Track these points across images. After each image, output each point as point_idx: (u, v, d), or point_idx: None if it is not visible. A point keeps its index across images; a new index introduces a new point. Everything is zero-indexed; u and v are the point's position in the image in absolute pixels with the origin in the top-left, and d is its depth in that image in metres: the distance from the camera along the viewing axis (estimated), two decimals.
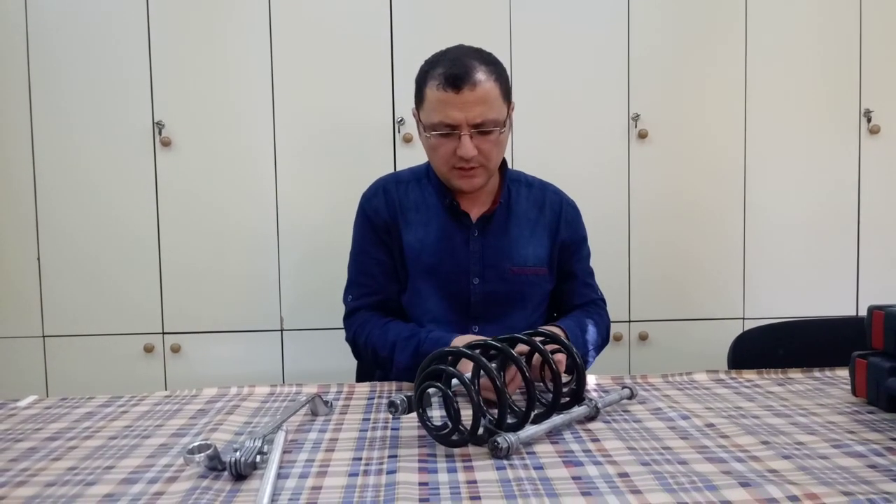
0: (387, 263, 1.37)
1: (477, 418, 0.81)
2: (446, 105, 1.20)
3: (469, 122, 1.20)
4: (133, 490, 0.73)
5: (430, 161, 1.33)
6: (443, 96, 1.19)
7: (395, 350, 1.25)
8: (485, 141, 1.23)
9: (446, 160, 1.26)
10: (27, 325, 2.07)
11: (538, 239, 1.38)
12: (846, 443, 0.82)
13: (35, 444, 0.88)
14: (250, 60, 2.05)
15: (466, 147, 1.21)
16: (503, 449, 0.79)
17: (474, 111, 1.20)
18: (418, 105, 1.28)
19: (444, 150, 1.25)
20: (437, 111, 1.21)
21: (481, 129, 1.22)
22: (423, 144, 1.31)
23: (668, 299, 2.16)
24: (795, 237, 2.16)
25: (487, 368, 0.84)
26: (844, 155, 2.15)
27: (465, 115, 1.20)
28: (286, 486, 0.73)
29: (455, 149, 1.23)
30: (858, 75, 2.12)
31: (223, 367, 2.09)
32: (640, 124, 2.11)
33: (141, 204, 2.06)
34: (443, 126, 1.22)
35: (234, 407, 1.03)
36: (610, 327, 1.44)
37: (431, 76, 1.21)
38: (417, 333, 1.25)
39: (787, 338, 1.56)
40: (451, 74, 1.18)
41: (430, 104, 1.22)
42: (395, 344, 1.26)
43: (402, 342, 1.25)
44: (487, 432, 0.82)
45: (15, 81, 2.02)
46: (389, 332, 1.29)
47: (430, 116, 1.23)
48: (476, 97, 1.19)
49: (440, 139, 1.24)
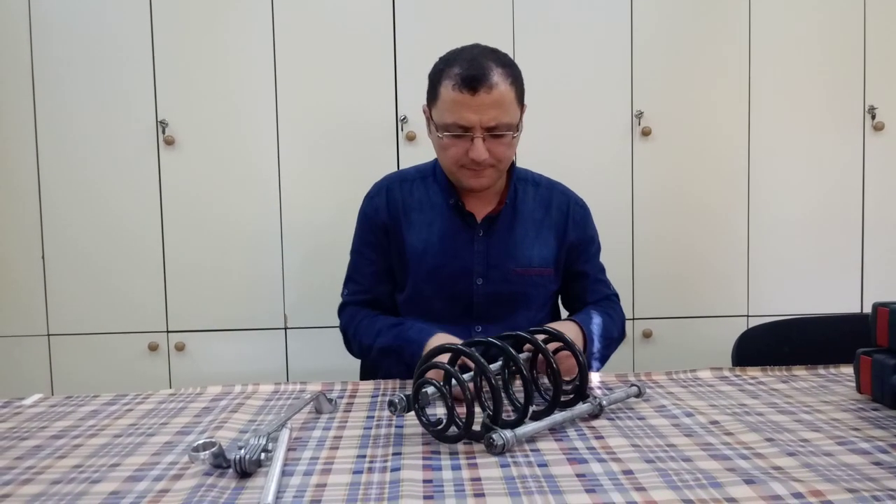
0: (379, 265, 1.38)
1: (470, 414, 0.81)
2: (461, 106, 1.18)
3: (483, 124, 1.19)
4: (138, 488, 0.73)
5: (439, 159, 1.33)
6: (458, 97, 1.18)
7: (378, 336, 1.29)
8: (497, 144, 1.23)
9: (456, 160, 1.25)
10: (32, 324, 2.08)
11: (544, 239, 1.37)
12: (851, 440, 0.82)
13: (40, 442, 0.88)
14: (253, 59, 2.05)
15: (479, 150, 1.21)
16: (498, 445, 0.79)
17: (489, 114, 1.19)
18: (431, 102, 1.27)
19: (455, 150, 1.24)
20: (451, 112, 1.20)
21: (494, 132, 1.21)
22: (433, 142, 1.31)
23: (672, 297, 2.16)
24: (799, 234, 2.16)
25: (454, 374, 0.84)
26: (848, 151, 2.14)
27: (480, 118, 1.19)
28: (291, 483, 0.73)
29: (466, 150, 1.22)
30: (863, 72, 2.11)
31: (227, 366, 2.10)
32: (643, 122, 2.10)
33: (145, 202, 2.06)
34: (456, 127, 1.21)
35: (238, 405, 1.03)
36: (625, 322, 1.43)
37: (447, 75, 1.20)
38: (403, 323, 1.29)
39: (792, 335, 1.56)
40: (468, 76, 1.17)
41: (444, 104, 1.21)
42: (379, 331, 1.29)
43: (386, 329, 1.29)
44: (485, 428, 0.82)
45: (18, 81, 2.03)
46: (377, 322, 1.32)
47: (444, 116, 1.22)
48: (491, 100, 1.18)
49: (452, 140, 1.23)
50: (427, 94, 1.28)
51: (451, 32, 2.03)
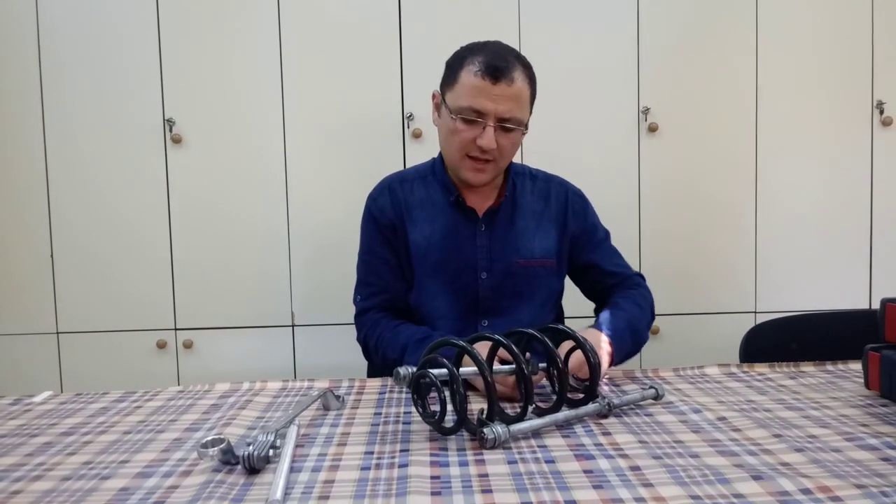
0: (393, 262, 1.37)
1: (464, 409, 0.82)
2: (480, 92, 1.20)
3: (497, 114, 1.21)
4: (148, 484, 0.73)
5: (444, 145, 1.32)
6: (479, 83, 1.20)
7: (405, 352, 1.24)
8: (505, 137, 1.24)
9: (462, 146, 1.26)
10: (41, 322, 2.09)
11: (544, 231, 1.37)
12: (859, 436, 0.82)
13: (50, 438, 0.89)
14: (259, 57, 2.06)
15: (489, 137, 1.22)
16: (489, 440, 0.80)
17: (505, 105, 1.21)
18: (447, 86, 1.27)
19: (464, 136, 1.24)
20: (469, 96, 1.21)
21: (506, 124, 1.23)
22: (441, 128, 1.31)
23: (679, 293, 2.15)
24: (808, 230, 2.15)
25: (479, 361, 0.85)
26: (857, 147, 2.13)
27: (496, 107, 1.21)
28: (299, 479, 0.73)
29: (475, 137, 1.23)
30: (871, 67, 2.10)
31: (235, 363, 2.10)
32: (650, 118, 2.10)
33: (152, 201, 2.07)
34: (471, 111, 1.22)
35: (246, 402, 1.03)
36: (653, 303, 1.39)
37: (470, 61, 1.22)
38: (431, 336, 1.24)
39: (800, 331, 1.55)
40: (493, 65, 1.19)
41: (462, 87, 1.22)
42: (405, 347, 1.25)
43: (414, 345, 1.24)
44: (479, 423, 0.83)
45: (26, 80, 2.04)
46: (400, 334, 1.28)
47: (460, 100, 1.23)
48: (511, 92, 1.21)
49: (464, 124, 1.24)
50: (443, 78, 1.29)
51: (457, 29, 2.03)
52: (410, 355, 1.22)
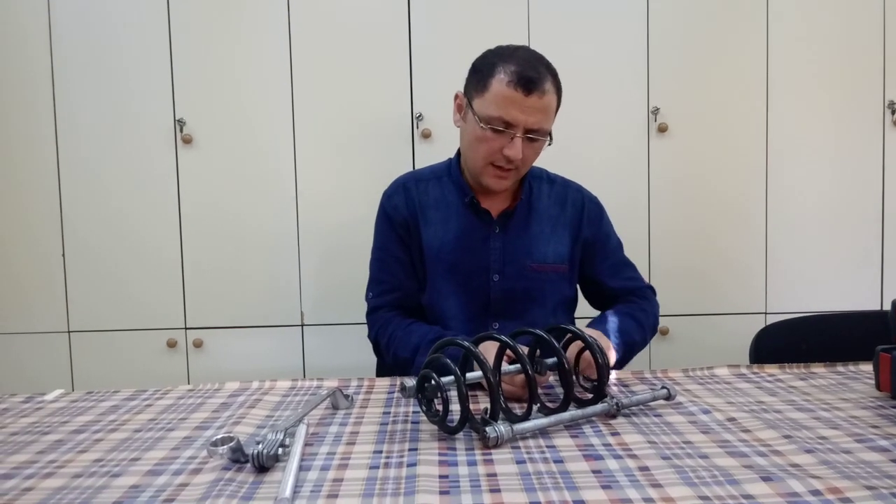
0: (406, 261, 1.37)
1: (464, 408, 0.82)
2: (511, 103, 1.20)
3: (527, 126, 1.21)
4: (158, 482, 0.74)
5: (468, 151, 1.31)
6: (511, 94, 1.19)
7: (417, 352, 1.25)
8: (530, 147, 1.25)
9: (489, 155, 1.25)
10: (53, 321, 2.11)
11: (559, 236, 1.37)
12: (869, 437, 0.81)
13: (62, 436, 0.90)
14: (270, 58, 2.06)
15: (517, 148, 1.22)
16: (491, 439, 0.80)
17: (535, 117, 1.21)
18: (475, 91, 1.25)
19: (491, 145, 1.24)
20: (500, 106, 1.20)
21: (533, 135, 1.23)
22: (465, 132, 1.30)
23: (689, 294, 2.14)
24: (818, 231, 2.14)
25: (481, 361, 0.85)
26: (868, 146, 2.12)
27: (526, 119, 1.20)
28: (308, 477, 0.74)
29: (502, 147, 1.23)
30: (882, 66, 2.09)
31: (245, 362, 2.11)
32: (659, 118, 2.09)
33: (163, 201, 2.08)
34: (500, 122, 1.21)
35: (255, 401, 1.04)
36: (657, 317, 1.40)
37: (502, 70, 1.20)
38: (443, 336, 1.23)
39: (810, 332, 1.54)
40: (527, 77, 1.18)
41: (493, 97, 1.21)
42: (418, 347, 1.25)
43: (426, 345, 1.24)
44: (483, 422, 0.83)
45: (38, 82, 2.05)
46: (413, 334, 1.28)
47: (489, 109, 1.22)
48: (541, 105, 1.21)
49: (492, 134, 1.23)
50: (471, 82, 1.27)
51: (467, 29, 2.03)
52: (422, 355, 1.22)
